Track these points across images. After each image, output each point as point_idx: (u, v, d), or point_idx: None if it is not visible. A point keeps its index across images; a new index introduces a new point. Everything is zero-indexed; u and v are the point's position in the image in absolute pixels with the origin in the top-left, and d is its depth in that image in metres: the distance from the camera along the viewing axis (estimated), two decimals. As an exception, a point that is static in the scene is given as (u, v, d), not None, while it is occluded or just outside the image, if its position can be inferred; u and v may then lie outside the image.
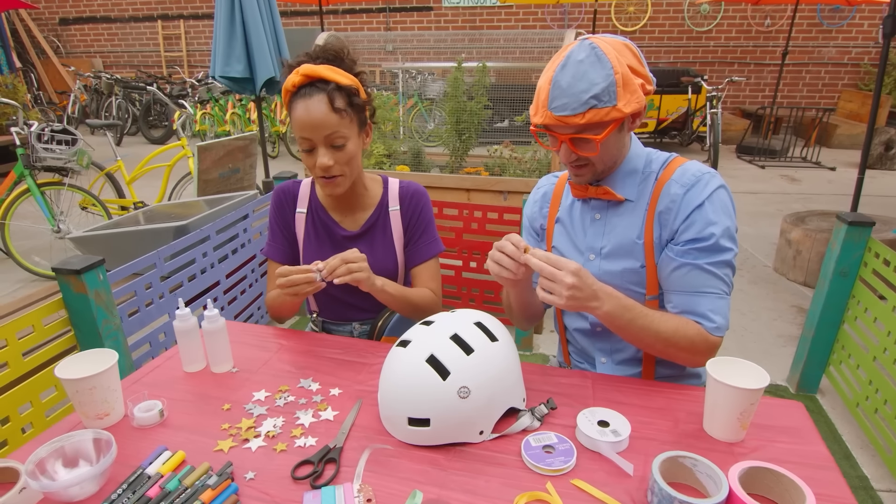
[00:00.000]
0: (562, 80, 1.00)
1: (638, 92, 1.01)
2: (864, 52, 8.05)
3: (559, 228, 1.25)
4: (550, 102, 1.02)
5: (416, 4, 9.15)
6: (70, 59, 10.31)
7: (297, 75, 1.20)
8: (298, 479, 0.85)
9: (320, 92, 1.19)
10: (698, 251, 1.06)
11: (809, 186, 5.65)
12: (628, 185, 1.14)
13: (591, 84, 0.98)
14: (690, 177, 1.08)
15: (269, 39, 3.37)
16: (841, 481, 0.85)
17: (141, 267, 1.98)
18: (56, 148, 3.60)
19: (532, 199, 1.34)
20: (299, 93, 1.21)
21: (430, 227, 1.43)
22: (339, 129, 1.21)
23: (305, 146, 1.23)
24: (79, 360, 0.97)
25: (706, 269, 1.07)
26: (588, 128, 1.02)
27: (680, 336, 1.07)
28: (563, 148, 1.08)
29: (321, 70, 1.20)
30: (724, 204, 1.07)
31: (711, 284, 1.07)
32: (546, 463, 0.87)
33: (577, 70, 0.99)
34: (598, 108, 0.99)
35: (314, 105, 1.19)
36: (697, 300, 1.08)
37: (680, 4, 8.29)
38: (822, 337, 2.25)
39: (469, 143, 2.95)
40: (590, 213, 1.19)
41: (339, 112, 1.20)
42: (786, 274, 3.53)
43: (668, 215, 1.09)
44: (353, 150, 1.26)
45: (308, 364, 1.18)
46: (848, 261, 2.12)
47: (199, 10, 9.85)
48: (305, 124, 1.20)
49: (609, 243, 1.16)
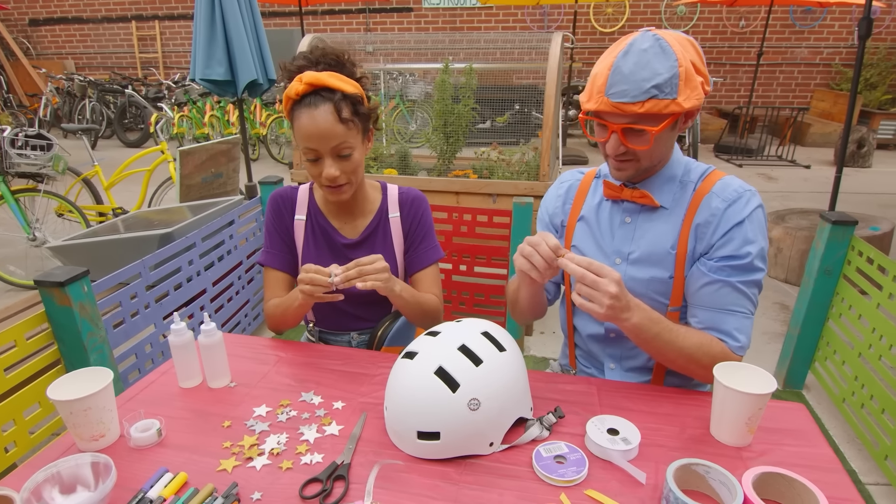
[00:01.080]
0: (623, 67, 0.96)
1: (699, 89, 0.99)
2: (835, 52, 8.26)
3: (582, 227, 1.21)
4: (608, 88, 0.98)
5: (397, 5, 9.11)
6: (41, 60, 10.01)
7: (300, 83, 1.16)
8: (307, 499, 0.83)
9: (326, 102, 1.16)
10: (732, 269, 1.05)
11: (786, 185, 5.77)
12: (666, 192, 1.11)
13: (654, 73, 0.95)
14: (732, 192, 1.07)
15: (251, 41, 3.31)
16: (848, 483, 0.86)
17: (126, 277, 1.92)
18: (31, 153, 3.50)
19: (554, 194, 1.28)
20: (303, 102, 1.17)
21: (430, 233, 1.41)
22: (346, 140, 1.19)
23: (310, 156, 1.20)
24: (71, 379, 0.93)
25: (737, 287, 1.05)
26: (645, 118, 0.98)
27: (703, 353, 1.05)
28: (613, 139, 1.03)
29: (325, 78, 1.16)
30: (761, 224, 1.07)
31: (740, 303, 1.07)
32: (559, 474, 0.86)
33: (641, 58, 0.96)
34: (659, 100, 0.96)
35: (320, 116, 1.16)
36: (724, 318, 1.07)
37: (657, 6, 8.41)
38: (807, 334, 2.30)
39: (457, 146, 2.94)
40: (620, 215, 1.16)
41: (345, 123, 1.18)
42: (768, 271, 3.59)
43: (707, 228, 1.07)
44: (358, 158, 1.24)
45: (308, 377, 1.16)
46: (832, 259, 2.17)
47: (175, 10, 9.65)
48: (312, 135, 1.17)
49: (638, 249, 1.13)
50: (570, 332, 1.31)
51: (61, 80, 8.66)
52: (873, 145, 6.43)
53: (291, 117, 1.21)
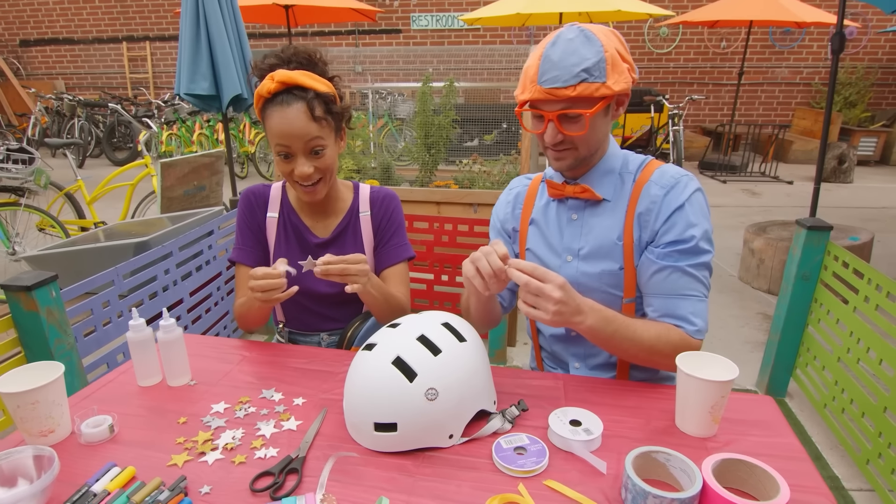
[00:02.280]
0: (553, 55, 0.99)
1: (626, 74, 1.02)
2: (814, 72, 8.45)
3: (533, 230, 1.23)
4: (541, 76, 1.00)
5: (386, 27, 9.26)
6: (31, 81, 10.04)
7: (272, 82, 1.16)
8: (257, 492, 0.81)
9: (299, 100, 1.16)
10: (679, 253, 1.06)
11: (769, 199, 5.84)
12: (606, 185, 1.13)
13: (582, 59, 0.98)
14: (669, 178, 1.09)
15: (236, 56, 3.34)
16: (814, 472, 0.84)
17: (98, 284, 1.89)
18: (12, 167, 3.48)
19: (504, 201, 1.30)
20: (276, 100, 1.17)
21: (400, 231, 1.41)
22: (319, 137, 1.19)
23: (283, 152, 1.20)
24: (23, 372, 0.91)
25: (687, 271, 1.06)
26: (578, 102, 1.00)
27: (663, 343, 1.05)
28: (550, 127, 1.05)
29: (298, 77, 1.16)
30: (701, 206, 1.08)
31: (692, 287, 1.07)
32: (518, 465, 0.84)
33: (568, 46, 0.99)
34: (589, 83, 0.98)
35: (293, 113, 1.15)
36: (678, 303, 1.08)
37: (640, 27, 8.60)
38: (787, 340, 2.29)
39: (438, 158, 2.95)
40: (566, 213, 1.17)
41: (318, 121, 1.18)
42: (750, 282, 3.61)
43: (649, 216, 1.08)
44: (331, 156, 1.23)
45: (271, 375, 1.13)
46: (809, 264, 2.18)
47: (166, 31, 9.75)
48: (284, 132, 1.16)
49: (587, 244, 1.14)
50: (534, 334, 1.32)
51: (50, 100, 8.67)
52: (854, 161, 6.54)
53: (263, 116, 1.20)
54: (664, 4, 8.23)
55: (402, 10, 9.11)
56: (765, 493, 0.77)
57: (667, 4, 8.29)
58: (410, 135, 7.40)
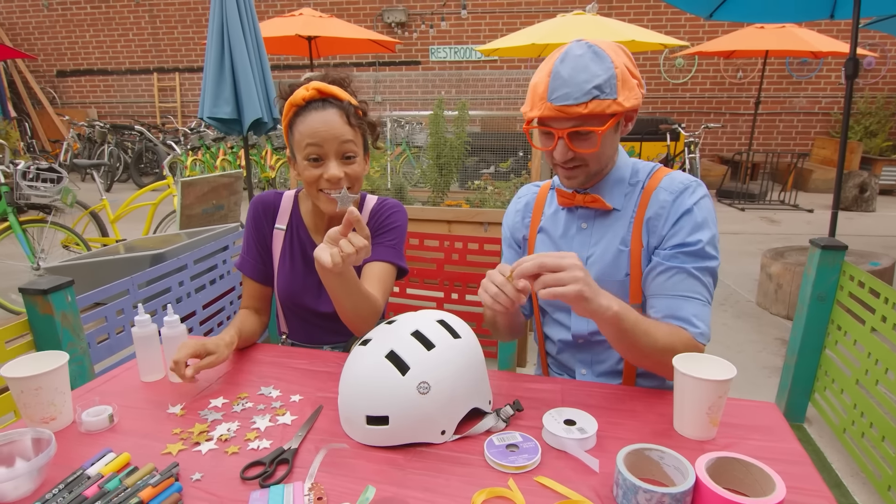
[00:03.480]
0: (563, 72, 0.99)
1: (635, 90, 1.02)
2: (833, 101, 8.41)
3: (542, 238, 1.23)
4: (551, 93, 0.99)
5: (405, 59, 9.51)
6: (65, 109, 10.49)
7: (307, 90, 1.17)
8: (247, 480, 0.81)
9: (334, 106, 1.18)
10: (685, 255, 1.06)
11: (789, 227, 5.75)
12: (616, 195, 1.13)
13: (593, 75, 0.97)
14: (678, 184, 1.09)
15: (258, 82, 3.47)
16: (815, 475, 0.82)
17: (113, 293, 1.94)
18: (41, 185, 3.61)
19: (513, 209, 1.31)
20: (310, 106, 1.18)
21: (394, 234, 1.34)
22: (352, 142, 1.19)
23: (314, 154, 1.17)
24: (29, 360, 0.94)
25: (692, 273, 1.06)
26: (589, 119, 1.00)
27: (675, 340, 1.02)
28: (560, 145, 1.04)
29: (333, 88, 1.19)
30: (710, 212, 1.08)
31: (696, 290, 1.06)
32: (509, 460, 0.83)
33: (578, 63, 0.98)
34: (601, 100, 0.98)
35: (329, 116, 1.16)
36: (682, 304, 1.06)
37: (656, 58, 8.69)
38: (804, 363, 2.23)
39: (450, 178, 3.00)
40: (576, 222, 1.18)
41: (352, 127, 1.19)
42: (768, 308, 3.54)
43: (658, 221, 1.08)
44: (359, 168, 1.23)
45: (271, 374, 1.14)
46: (824, 285, 2.13)
47: (195, 63, 10.15)
48: (319, 132, 1.15)
49: (595, 253, 1.14)
50: (541, 340, 1.30)
51: (83, 127, 9.04)
52: (876, 190, 6.44)
53: (293, 123, 1.19)
54: (679, 35, 8.34)
55: (421, 42, 9.37)
56: (761, 492, 0.75)
57: (682, 36, 8.39)
58: (427, 163, 7.53)
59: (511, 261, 1.33)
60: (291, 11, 6.68)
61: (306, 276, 1.33)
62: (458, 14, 9.10)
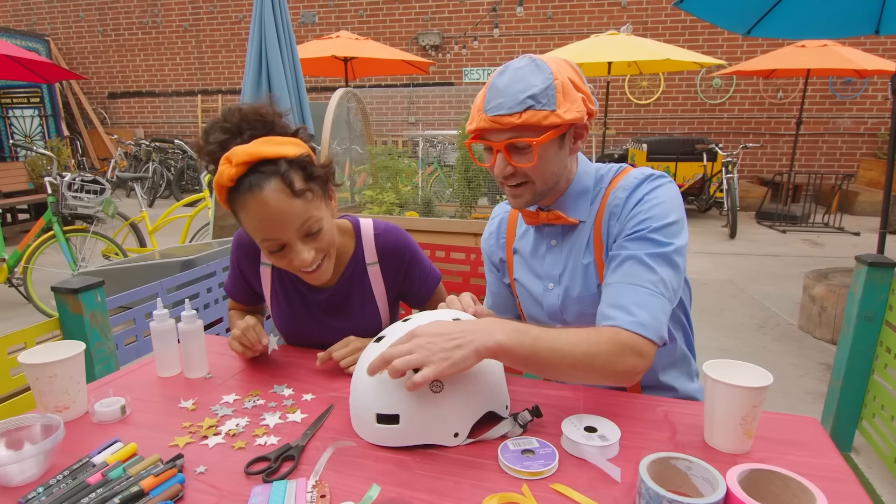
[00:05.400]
0: (499, 83, 0.96)
1: (579, 103, 0.97)
2: (880, 122, 8.09)
3: (517, 259, 1.19)
4: (486, 104, 0.96)
5: (439, 80, 9.65)
6: (114, 128, 11.01)
7: (230, 166, 0.94)
8: (251, 475, 0.78)
9: (271, 178, 0.95)
10: (635, 241, 0.98)
11: (833, 250, 5.50)
12: (581, 207, 1.08)
13: (528, 85, 0.94)
14: (633, 179, 1.03)
15: (293, 100, 3.56)
16: (862, 495, 0.74)
17: (142, 296, 1.98)
18: (85, 196, 3.76)
19: (487, 232, 1.26)
20: (242, 186, 0.96)
21: (419, 268, 1.26)
22: (310, 214, 1.00)
23: (274, 247, 1.01)
24: (46, 349, 0.94)
25: (642, 260, 0.96)
26: (524, 130, 0.95)
27: (596, 341, 0.88)
28: (499, 159, 0.99)
29: (260, 150, 0.95)
30: (667, 197, 1.00)
31: (645, 278, 0.94)
32: (524, 466, 0.78)
33: (516, 74, 0.95)
34: (536, 110, 0.93)
35: (271, 198, 0.95)
36: (623, 291, 0.94)
37: (692, 79, 8.57)
38: (850, 388, 2.09)
39: (478, 192, 2.98)
40: (545, 240, 1.13)
41: (302, 195, 0.98)
42: (812, 332, 3.36)
43: (613, 220, 1.03)
44: (329, 229, 1.06)
45: (285, 373, 1.13)
46: (872, 304, 2.00)
47: (236, 86, 10.54)
48: (267, 224, 0.98)
49: (567, 269, 1.10)
50: None
51: (130, 146, 9.46)
52: (929, 213, 6.10)
53: (233, 209, 1.00)
54: (717, 55, 8.21)
55: (455, 64, 9.50)
56: (801, 510, 0.68)
57: (719, 56, 8.26)
58: (456, 177, 7.56)
59: (495, 287, 1.29)
60: (329, 35, 6.88)
61: (306, 314, 1.24)
62: (491, 36, 9.21)
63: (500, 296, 1.29)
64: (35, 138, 9.18)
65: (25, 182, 6.08)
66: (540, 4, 8.87)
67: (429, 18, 9.38)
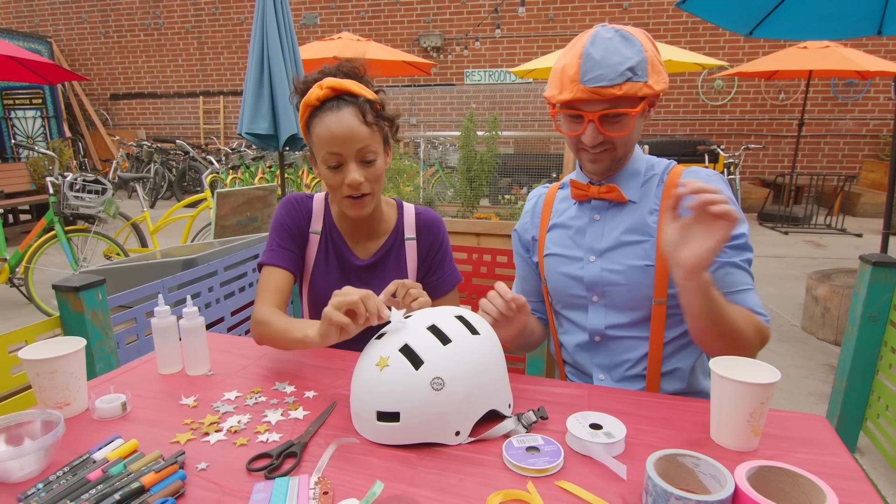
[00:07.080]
0: (594, 54, 0.97)
1: (663, 74, 1.02)
2: (882, 123, 8.07)
3: (552, 236, 1.21)
4: (584, 75, 0.98)
5: (440, 82, 9.65)
6: (116, 129, 11.03)
7: (320, 88, 1.12)
8: (253, 471, 0.78)
9: (350, 105, 1.13)
10: (732, 249, 1.05)
11: (836, 251, 5.48)
12: (632, 186, 1.12)
13: (625, 58, 0.97)
14: (705, 177, 1.09)
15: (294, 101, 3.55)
16: (872, 493, 0.73)
17: (143, 295, 1.97)
18: (86, 196, 3.76)
19: (524, 211, 1.31)
20: (325, 106, 1.13)
21: (448, 257, 1.35)
22: (371, 143, 1.14)
23: (332, 162, 1.14)
24: (47, 345, 0.94)
25: (741, 266, 1.05)
26: (623, 101, 0.99)
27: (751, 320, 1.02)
28: (590, 129, 1.02)
29: (347, 84, 1.13)
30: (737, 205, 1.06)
31: (747, 281, 1.06)
32: (528, 463, 0.77)
33: (609, 45, 0.98)
34: (634, 82, 0.97)
35: (345, 118, 1.11)
36: (743, 297, 1.05)
37: (693, 80, 8.56)
38: (854, 388, 2.07)
39: (480, 191, 2.97)
40: (588, 213, 1.16)
41: (370, 126, 1.14)
42: (815, 333, 3.34)
43: None
44: (381, 166, 1.18)
45: (287, 370, 1.12)
46: (876, 304, 1.99)
47: (238, 87, 10.55)
48: (336, 137, 1.11)
49: (610, 242, 1.12)
50: (557, 349, 1.27)
51: (132, 147, 9.47)
52: (932, 215, 6.08)
53: (310, 125, 1.16)
54: (718, 57, 8.20)
55: (456, 66, 9.51)
56: (810, 507, 0.67)
57: (721, 57, 8.25)
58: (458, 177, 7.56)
59: (523, 272, 1.33)
60: (331, 36, 6.89)
61: (341, 281, 1.28)
62: (493, 37, 9.22)
63: (528, 280, 1.32)
64: (37, 139, 9.20)
65: (27, 183, 6.08)
66: (542, 5, 8.88)
67: (430, 20, 9.39)
